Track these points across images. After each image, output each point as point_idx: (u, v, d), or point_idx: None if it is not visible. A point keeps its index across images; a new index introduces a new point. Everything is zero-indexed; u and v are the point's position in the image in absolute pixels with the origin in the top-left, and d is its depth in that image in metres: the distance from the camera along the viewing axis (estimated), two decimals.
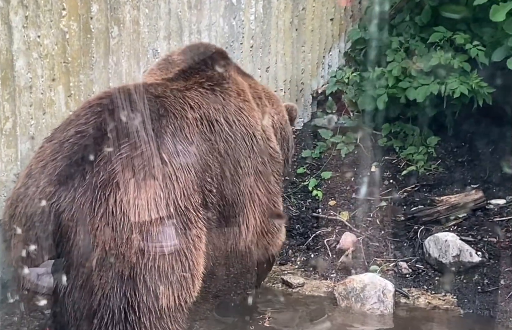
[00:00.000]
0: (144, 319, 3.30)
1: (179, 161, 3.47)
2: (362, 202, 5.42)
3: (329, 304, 4.58)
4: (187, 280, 3.43)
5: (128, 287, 3.24)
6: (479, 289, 4.59)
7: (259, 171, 4.02)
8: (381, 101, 5.64)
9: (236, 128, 3.87)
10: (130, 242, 3.22)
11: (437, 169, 5.59)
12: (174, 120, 3.57)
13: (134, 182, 3.29)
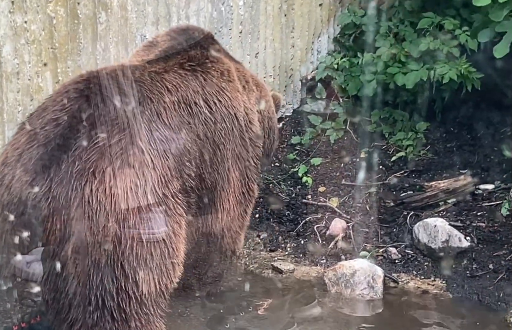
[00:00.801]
0: (123, 305, 3.32)
1: (156, 148, 3.46)
2: (352, 188, 5.42)
3: (319, 290, 4.59)
4: (167, 266, 3.44)
5: (105, 274, 3.25)
6: (468, 274, 4.62)
7: (237, 154, 4.00)
8: (371, 87, 5.64)
9: (216, 110, 3.84)
10: (107, 231, 3.23)
11: (426, 154, 5.60)
12: (151, 105, 3.54)
13: (110, 170, 3.28)
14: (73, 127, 3.32)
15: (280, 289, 4.62)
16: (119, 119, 3.38)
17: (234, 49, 5.64)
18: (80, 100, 3.41)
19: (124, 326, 3.37)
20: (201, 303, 4.34)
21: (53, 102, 3.47)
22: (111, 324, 3.34)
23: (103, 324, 3.33)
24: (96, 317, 3.31)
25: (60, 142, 3.28)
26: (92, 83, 3.48)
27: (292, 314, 4.14)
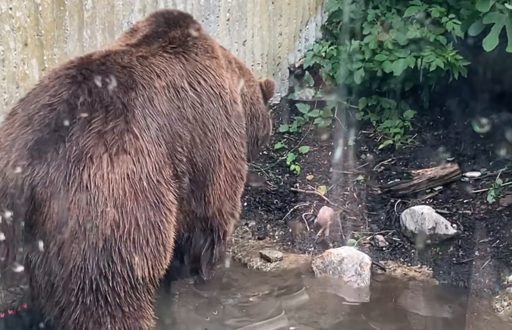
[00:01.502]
0: (118, 289, 3.34)
1: (150, 134, 3.48)
2: (339, 176, 5.43)
3: (307, 277, 4.61)
4: (160, 252, 3.47)
5: (102, 258, 3.28)
6: (454, 261, 4.66)
7: (226, 133, 4.01)
8: (358, 75, 5.64)
9: (202, 90, 3.85)
10: (105, 215, 3.26)
11: (414, 142, 5.62)
12: (142, 91, 3.55)
13: (107, 156, 3.30)
14: (68, 113, 3.33)
15: (268, 276, 4.63)
16: (113, 105, 3.39)
17: (222, 37, 5.62)
18: (74, 86, 3.41)
19: (117, 311, 3.39)
20: (189, 290, 4.34)
21: (45, 88, 3.46)
22: (104, 308, 3.36)
23: (96, 309, 3.35)
24: (89, 301, 3.33)
25: (56, 128, 3.29)
26: (84, 69, 3.47)
27: (280, 301, 4.15)
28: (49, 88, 3.42)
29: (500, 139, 5.33)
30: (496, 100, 5.39)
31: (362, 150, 5.64)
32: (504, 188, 4.96)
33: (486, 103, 5.43)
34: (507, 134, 5.24)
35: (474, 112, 5.61)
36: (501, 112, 5.46)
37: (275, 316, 4.03)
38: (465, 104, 5.67)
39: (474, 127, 5.37)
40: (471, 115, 5.62)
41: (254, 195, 5.36)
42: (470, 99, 5.62)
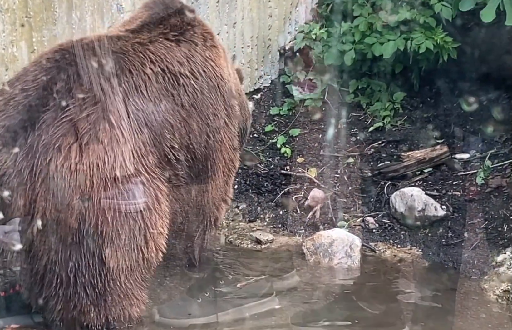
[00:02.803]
0: (95, 281, 3.31)
1: (130, 122, 3.40)
2: (330, 158, 5.45)
3: (297, 260, 4.64)
4: (138, 241, 3.41)
5: (73, 251, 3.24)
6: (443, 242, 4.70)
7: (226, 124, 3.98)
8: (349, 57, 5.63)
9: (203, 80, 3.80)
10: (71, 208, 3.19)
11: (404, 124, 5.64)
12: (129, 77, 3.48)
13: (77, 146, 3.23)
14: (42, 99, 3.25)
15: (259, 259, 4.66)
16: (92, 92, 3.32)
17: (212, 19, 5.59)
18: (53, 71, 3.33)
19: (99, 301, 3.38)
20: (180, 272, 4.36)
21: (25, 72, 3.40)
22: (86, 299, 3.35)
23: (78, 300, 3.34)
24: (70, 293, 3.31)
25: (28, 115, 3.21)
26: (69, 53, 3.41)
27: (271, 283, 4.17)
28: (29, 73, 3.36)
29: (489, 120, 5.35)
30: (485, 81, 5.41)
31: (352, 133, 5.66)
32: (493, 169, 4.99)
33: (476, 85, 5.44)
34: (494, 112, 5.26)
35: (464, 94, 5.63)
36: (490, 93, 5.48)
37: (266, 297, 4.05)
38: (455, 86, 5.69)
39: (462, 106, 5.38)
40: (460, 97, 5.64)
41: (245, 178, 5.37)
42: (459, 81, 5.63)
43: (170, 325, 3.78)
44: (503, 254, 4.42)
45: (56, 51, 3.46)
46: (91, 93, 3.31)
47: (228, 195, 4.28)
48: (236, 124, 4.16)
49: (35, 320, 3.62)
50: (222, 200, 4.22)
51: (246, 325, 3.88)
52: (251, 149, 5.56)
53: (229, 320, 3.88)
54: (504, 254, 4.42)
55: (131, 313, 3.54)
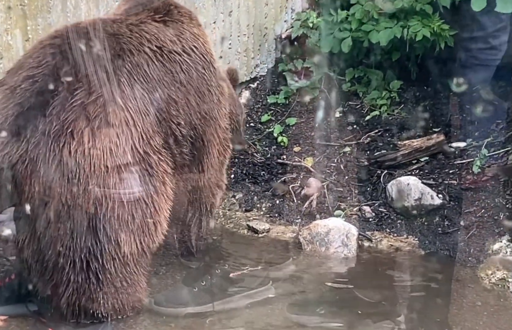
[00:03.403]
0: (108, 266, 3.32)
1: (136, 104, 3.39)
2: (327, 147, 5.44)
3: (294, 249, 4.64)
4: (149, 226, 3.43)
5: (89, 236, 3.24)
6: (440, 231, 4.70)
7: (219, 101, 3.97)
8: (346, 45, 5.61)
9: (195, 57, 3.79)
10: (87, 193, 3.19)
11: (400, 113, 5.62)
12: (131, 57, 3.46)
13: (89, 130, 3.22)
14: (50, 85, 3.24)
15: (255, 248, 4.66)
16: (97, 75, 3.31)
17: (207, 7, 5.57)
18: (57, 56, 3.33)
19: (109, 288, 3.39)
20: (176, 261, 4.36)
21: (29, 58, 3.38)
22: (96, 285, 3.35)
23: (88, 285, 3.34)
24: (81, 279, 3.31)
25: (37, 101, 3.21)
26: (70, 38, 3.39)
27: (268, 272, 4.17)
28: (33, 59, 3.35)
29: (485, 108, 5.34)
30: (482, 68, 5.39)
31: (349, 122, 5.64)
32: (489, 157, 4.99)
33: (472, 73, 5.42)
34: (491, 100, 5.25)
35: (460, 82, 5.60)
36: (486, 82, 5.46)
37: (262, 287, 4.05)
38: (451, 74, 5.67)
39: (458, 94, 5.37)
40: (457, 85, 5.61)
41: (241, 167, 5.36)
42: (456, 69, 5.62)
43: (166, 313, 3.78)
44: (499, 242, 4.43)
45: (56, 37, 3.44)
46: (97, 76, 3.30)
47: (223, 180, 4.28)
48: (227, 104, 4.14)
49: (30, 309, 3.62)
50: (217, 185, 4.21)
51: (242, 314, 3.88)
52: (247, 139, 5.54)
53: (225, 309, 3.89)
54: (500, 242, 4.43)
55: (135, 301, 3.56)
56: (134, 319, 3.67)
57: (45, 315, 3.49)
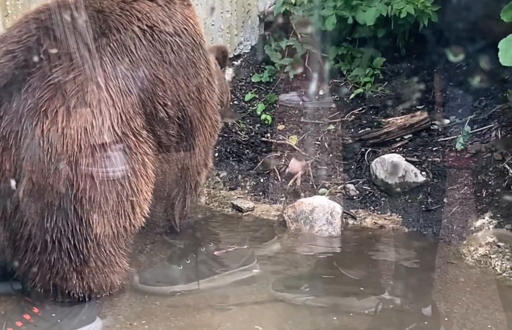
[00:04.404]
0: (80, 247, 3.29)
1: (118, 84, 3.33)
2: (311, 125, 5.43)
3: (278, 227, 4.65)
4: (126, 207, 3.38)
5: (59, 217, 3.20)
6: (423, 208, 4.73)
7: (209, 83, 3.94)
8: (330, 22, 5.58)
9: (186, 39, 3.73)
10: (58, 173, 3.14)
11: (384, 91, 5.63)
12: (117, 36, 3.40)
13: (64, 110, 3.16)
14: (28, 62, 3.18)
15: (240, 226, 4.66)
16: (79, 53, 3.25)
17: None
18: (40, 32, 3.25)
19: (83, 267, 3.35)
20: (161, 240, 4.34)
21: (10, 33, 3.31)
22: (69, 265, 3.32)
23: (61, 266, 3.31)
24: (54, 259, 3.28)
25: (13, 78, 3.14)
26: (54, 14, 3.31)
27: (253, 250, 4.17)
28: (14, 34, 3.28)
29: (468, 86, 5.37)
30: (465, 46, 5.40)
31: (333, 99, 5.64)
32: (472, 134, 5.02)
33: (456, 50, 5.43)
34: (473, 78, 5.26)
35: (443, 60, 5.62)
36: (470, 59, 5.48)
37: (247, 265, 4.06)
38: (435, 51, 5.68)
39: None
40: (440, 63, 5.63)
41: (225, 146, 5.34)
42: (439, 46, 5.63)
43: (151, 292, 3.78)
44: (482, 219, 4.47)
45: (41, 12, 3.37)
46: (78, 54, 3.24)
47: (209, 159, 4.27)
48: (217, 84, 4.11)
49: (14, 287, 3.59)
50: (203, 164, 4.19)
51: (227, 292, 3.89)
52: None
53: (210, 287, 3.89)
54: (482, 219, 4.47)
55: (114, 280, 3.53)
56: (119, 298, 3.67)
57: (30, 294, 3.46)
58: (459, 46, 5.37)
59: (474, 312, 3.67)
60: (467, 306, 3.73)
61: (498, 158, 4.78)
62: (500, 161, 4.75)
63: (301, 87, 5.74)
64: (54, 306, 3.43)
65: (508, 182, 4.60)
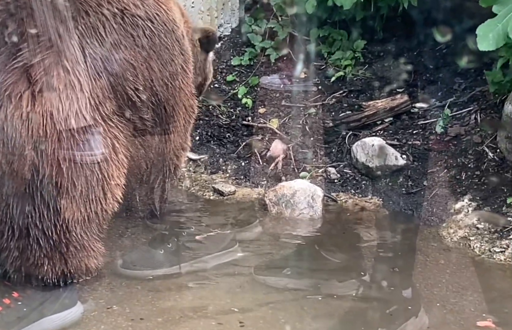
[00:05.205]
0: (49, 232, 3.25)
1: (86, 68, 3.28)
2: (291, 109, 5.42)
3: (260, 211, 4.65)
4: (96, 192, 3.35)
5: (26, 203, 3.16)
6: (404, 191, 4.76)
7: (183, 69, 3.90)
8: (310, 5, 5.55)
9: (158, 24, 3.69)
10: (23, 159, 3.09)
11: (365, 74, 5.63)
12: (86, 19, 3.34)
13: (29, 94, 3.11)
14: None
15: (221, 210, 4.65)
16: (46, 36, 3.19)
17: None
18: (3, 13, 3.19)
19: (54, 253, 3.33)
20: (142, 224, 4.32)
21: None
22: (39, 252, 3.29)
23: (31, 252, 3.28)
24: (22, 246, 3.25)
25: None
26: None
27: (234, 234, 4.17)
28: None
29: (448, 69, 5.40)
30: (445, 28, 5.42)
31: (314, 83, 5.63)
32: (452, 117, 5.05)
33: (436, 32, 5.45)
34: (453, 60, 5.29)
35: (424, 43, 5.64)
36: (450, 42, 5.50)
37: (229, 249, 4.06)
38: (415, 34, 5.69)
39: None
40: (420, 46, 5.65)
41: (206, 129, 5.31)
42: (420, 29, 5.64)
43: (133, 276, 3.76)
44: (461, 201, 4.51)
45: None
46: (45, 37, 3.18)
47: (187, 142, 4.25)
48: (193, 69, 4.08)
49: None
50: (182, 147, 4.17)
51: (209, 276, 3.89)
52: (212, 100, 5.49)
53: (192, 271, 3.89)
54: (462, 201, 4.51)
55: (88, 265, 3.51)
56: (100, 282, 3.66)
57: (11, 279, 3.43)
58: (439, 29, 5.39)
59: (454, 293, 3.72)
60: (447, 288, 3.77)
61: (477, 141, 4.82)
62: (480, 144, 4.79)
63: (282, 70, 5.72)
64: (35, 291, 3.41)
65: (487, 165, 4.65)
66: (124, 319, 3.40)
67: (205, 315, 3.49)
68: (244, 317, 3.45)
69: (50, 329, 3.31)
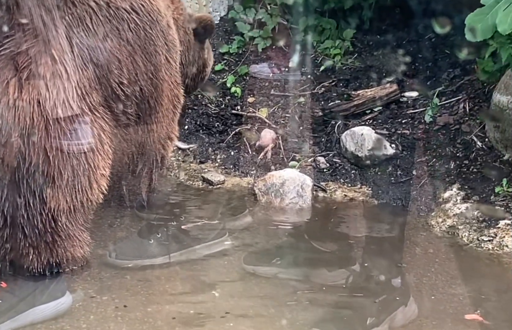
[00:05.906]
0: (35, 221, 3.24)
1: (73, 58, 3.27)
2: (281, 98, 5.41)
3: (249, 200, 4.64)
4: (82, 182, 3.34)
5: (12, 191, 3.15)
6: (393, 180, 4.77)
7: (167, 60, 3.88)
8: None
9: (143, 16, 3.67)
10: (10, 146, 3.08)
11: (354, 63, 5.62)
12: (73, 9, 3.33)
13: (16, 81, 3.09)
14: None
15: (211, 199, 4.63)
16: (33, 24, 3.17)
17: None
18: None
19: (39, 242, 3.31)
20: (131, 214, 4.30)
21: None
22: (24, 241, 3.28)
23: (16, 241, 3.26)
24: (7, 234, 3.23)
25: None
26: None
27: (223, 224, 4.17)
28: None
29: (437, 58, 5.40)
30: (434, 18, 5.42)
31: (302, 72, 5.61)
32: (440, 107, 5.07)
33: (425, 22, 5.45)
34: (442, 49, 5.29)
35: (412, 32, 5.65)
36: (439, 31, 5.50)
37: (218, 238, 4.05)
38: (404, 23, 5.69)
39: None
40: (409, 35, 5.65)
41: (195, 118, 5.29)
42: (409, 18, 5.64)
43: (122, 266, 3.75)
44: (450, 191, 4.53)
45: None
46: (32, 26, 3.16)
47: (174, 132, 4.23)
48: (178, 59, 4.05)
49: None
50: (168, 137, 4.16)
51: (198, 265, 3.88)
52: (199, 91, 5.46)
53: (181, 261, 3.87)
54: (450, 190, 4.53)
55: (74, 254, 3.50)
56: (89, 272, 3.64)
57: None
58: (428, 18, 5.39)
59: (443, 282, 3.74)
60: (436, 277, 3.80)
61: (466, 131, 4.84)
62: (468, 133, 4.81)
63: (271, 59, 5.70)
64: (23, 281, 3.38)
65: (476, 154, 4.67)
66: (113, 309, 3.39)
67: (194, 305, 3.48)
68: (232, 306, 3.44)
69: (39, 319, 3.29)
